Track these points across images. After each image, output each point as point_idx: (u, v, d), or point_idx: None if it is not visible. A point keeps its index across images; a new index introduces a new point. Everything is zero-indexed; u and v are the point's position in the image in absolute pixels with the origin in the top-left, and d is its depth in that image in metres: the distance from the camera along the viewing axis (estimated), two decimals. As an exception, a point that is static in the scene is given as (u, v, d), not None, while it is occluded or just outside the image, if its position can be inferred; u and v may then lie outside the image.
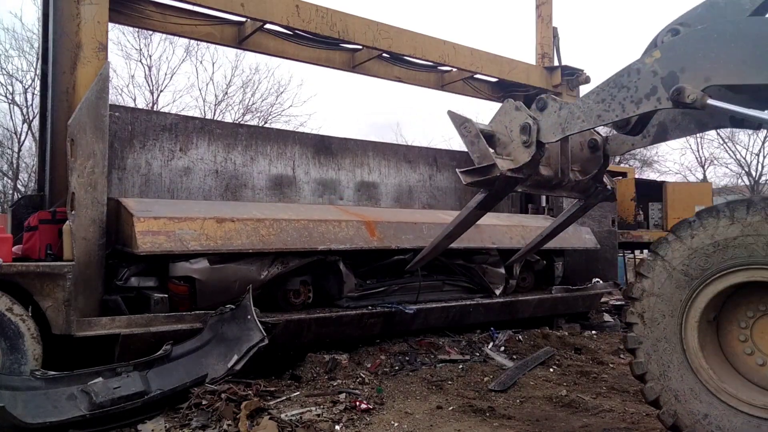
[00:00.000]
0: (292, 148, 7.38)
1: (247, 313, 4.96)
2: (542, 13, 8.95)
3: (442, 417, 4.32)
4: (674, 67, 3.57)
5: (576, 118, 4.04)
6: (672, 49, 3.64)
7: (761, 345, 3.29)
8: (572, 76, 8.86)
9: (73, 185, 4.86)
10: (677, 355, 3.35)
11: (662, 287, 3.45)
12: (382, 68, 7.83)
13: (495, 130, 4.70)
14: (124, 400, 4.13)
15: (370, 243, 6.14)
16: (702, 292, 3.32)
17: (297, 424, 3.96)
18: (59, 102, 5.25)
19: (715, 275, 3.26)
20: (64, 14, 5.21)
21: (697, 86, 3.49)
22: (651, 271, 3.52)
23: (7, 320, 4.31)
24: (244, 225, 5.44)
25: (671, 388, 3.35)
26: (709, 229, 3.29)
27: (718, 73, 3.42)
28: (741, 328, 3.35)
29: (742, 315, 3.36)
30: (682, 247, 3.39)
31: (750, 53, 3.31)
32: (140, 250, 4.82)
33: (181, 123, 6.62)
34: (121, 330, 4.76)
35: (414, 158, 8.53)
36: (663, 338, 3.42)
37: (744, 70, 3.34)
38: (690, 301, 3.36)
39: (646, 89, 3.69)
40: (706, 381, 3.25)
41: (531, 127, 4.35)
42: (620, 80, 3.82)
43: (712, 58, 3.44)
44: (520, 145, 4.51)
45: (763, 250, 3.09)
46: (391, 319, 6.20)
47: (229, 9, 6.11)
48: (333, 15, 6.72)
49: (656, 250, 3.52)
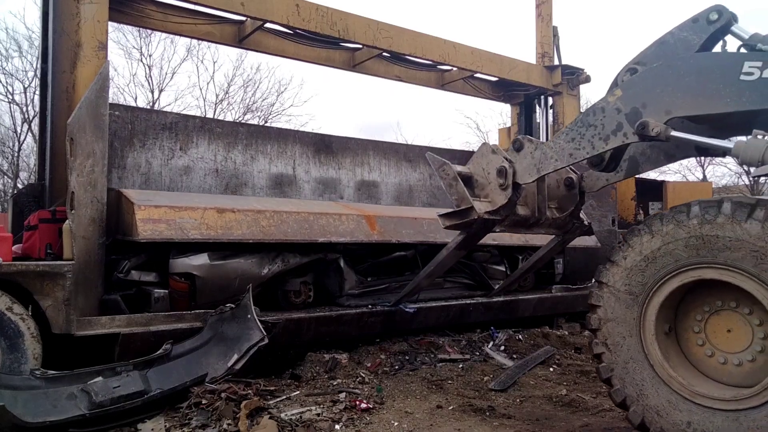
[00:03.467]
0: (293, 147, 7.37)
1: (247, 312, 4.95)
2: (542, 13, 8.95)
3: (442, 416, 4.32)
4: (636, 103, 3.81)
5: (549, 158, 4.23)
6: (632, 87, 3.89)
7: (718, 344, 3.44)
8: (572, 75, 8.86)
9: (72, 184, 4.86)
10: (647, 371, 3.49)
11: (614, 311, 3.66)
12: (382, 67, 7.83)
13: (473, 172, 4.87)
14: (124, 400, 4.13)
15: (371, 237, 6.13)
16: (649, 305, 3.53)
17: (297, 423, 3.96)
18: (59, 101, 5.25)
19: (654, 287, 3.50)
20: (64, 13, 5.20)
21: (660, 119, 3.72)
22: (600, 299, 3.75)
23: (6, 319, 4.31)
24: (245, 216, 5.43)
25: (651, 406, 3.44)
26: (636, 247, 3.57)
27: (677, 106, 3.66)
28: (696, 332, 3.53)
29: (693, 320, 3.54)
30: (620, 270, 3.64)
31: (702, 86, 3.58)
32: (141, 237, 4.80)
33: (181, 122, 6.61)
34: (121, 329, 4.76)
35: (414, 157, 8.52)
36: (630, 359, 3.57)
37: (699, 102, 3.59)
38: (641, 317, 3.55)
39: (613, 126, 3.91)
40: (680, 390, 3.36)
41: (507, 171, 4.51)
42: (587, 119, 4.04)
43: (670, 92, 3.70)
44: (497, 188, 4.67)
45: (684, 252, 3.36)
46: (391, 318, 6.19)
47: (229, 8, 6.11)
48: (333, 14, 6.72)
49: (600, 279, 3.77)
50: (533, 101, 9.06)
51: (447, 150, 9.47)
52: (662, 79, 3.76)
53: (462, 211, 4.72)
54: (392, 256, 6.57)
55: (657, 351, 3.47)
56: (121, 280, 5.16)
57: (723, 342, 3.41)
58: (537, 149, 4.32)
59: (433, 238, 6.52)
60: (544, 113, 9.01)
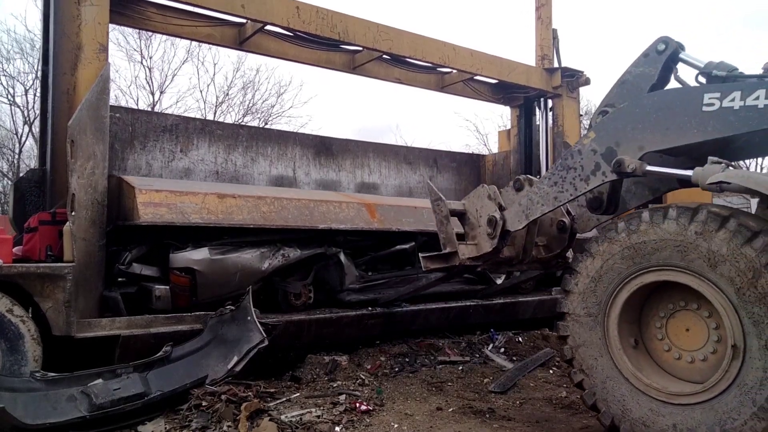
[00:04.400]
0: (293, 149, 7.38)
1: (247, 314, 4.95)
2: (542, 15, 8.95)
3: (441, 418, 4.32)
4: (610, 143, 4.02)
5: (536, 203, 4.37)
6: (604, 128, 4.11)
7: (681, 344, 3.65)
8: (572, 77, 8.85)
9: (73, 186, 4.86)
10: (625, 386, 3.65)
11: (581, 336, 3.89)
12: (382, 70, 7.83)
13: (467, 209, 4.95)
14: (124, 402, 4.13)
15: (371, 224, 6.12)
16: (609, 322, 3.77)
17: (297, 425, 3.96)
18: (60, 103, 5.25)
19: (608, 303, 3.76)
20: (65, 15, 5.21)
21: (634, 156, 3.94)
22: (566, 329, 3.98)
23: (7, 321, 4.31)
24: (246, 201, 5.44)
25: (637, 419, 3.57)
26: (583, 272, 3.88)
27: (648, 141, 3.89)
28: (660, 339, 3.74)
29: (655, 329, 3.77)
30: (575, 296, 3.93)
31: (669, 120, 3.82)
32: (141, 220, 4.80)
33: (181, 124, 6.63)
34: (121, 331, 4.77)
35: (414, 159, 8.53)
36: (606, 378, 3.75)
37: (669, 136, 3.83)
38: (605, 335, 3.77)
39: (591, 166, 4.09)
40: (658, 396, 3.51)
41: (497, 222, 4.61)
42: (566, 163, 4.23)
43: (640, 129, 3.93)
44: (485, 234, 4.75)
45: (622, 263, 3.67)
46: (390, 319, 6.19)
47: (229, 10, 6.11)
48: (333, 16, 6.73)
49: (561, 310, 4.04)
50: (533, 104, 9.05)
51: (447, 152, 9.47)
52: (632, 118, 4.00)
53: (446, 255, 4.84)
54: (392, 250, 6.57)
55: (628, 364, 3.64)
56: (122, 272, 5.16)
57: (685, 342, 3.62)
58: (524, 197, 4.49)
59: (434, 226, 6.51)
60: (543, 116, 8.99)
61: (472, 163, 9.50)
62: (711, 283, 3.30)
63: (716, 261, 3.26)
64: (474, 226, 4.89)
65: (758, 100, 3.55)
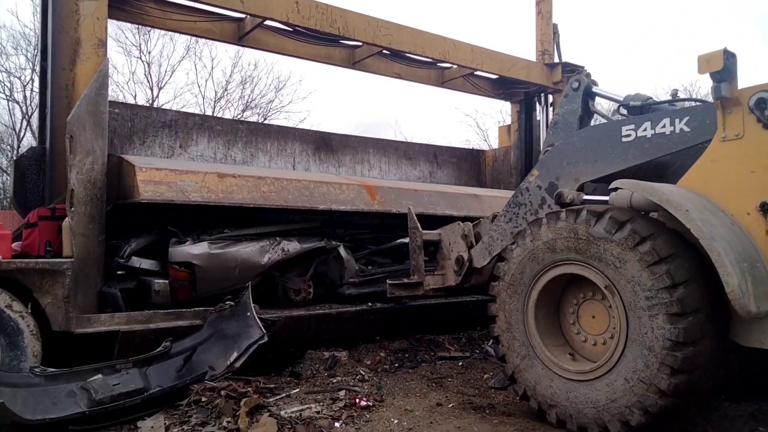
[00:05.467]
0: (293, 145, 7.37)
1: (247, 310, 4.95)
2: (542, 10, 8.92)
3: (441, 414, 4.32)
4: (551, 178, 4.67)
5: (496, 240, 4.97)
6: (545, 166, 4.75)
7: (589, 329, 4.05)
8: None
9: (72, 182, 4.85)
10: (539, 364, 4.06)
11: (507, 319, 4.29)
12: (382, 65, 7.81)
13: (442, 239, 5.53)
14: (124, 397, 4.13)
15: (371, 206, 6.11)
16: (527, 309, 4.16)
17: (297, 421, 3.96)
18: (58, 98, 5.24)
19: (526, 294, 4.18)
20: (64, 10, 5.19)
21: (572, 188, 4.52)
22: (495, 310, 4.39)
23: (6, 317, 4.31)
24: (246, 181, 5.42)
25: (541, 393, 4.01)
26: (511, 261, 4.27)
27: (582, 173, 4.52)
28: (572, 324, 4.14)
29: (569, 316, 4.16)
30: (503, 285, 4.31)
31: (596, 153, 4.45)
32: (141, 197, 4.77)
33: (181, 119, 6.61)
34: (120, 327, 4.76)
35: (414, 155, 8.52)
36: (525, 356, 4.15)
37: (598, 166, 4.43)
38: (524, 321, 4.17)
39: (538, 201, 4.71)
40: (559, 373, 3.94)
41: (464, 262, 5.20)
42: (517, 200, 4.87)
43: (574, 163, 4.56)
44: (452, 270, 5.36)
45: (533, 262, 4.11)
46: (390, 315, 6.19)
47: (228, 5, 6.09)
48: (333, 11, 6.70)
49: (491, 293, 4.45)
50: (533, 99, 9.04)
51: (447, 147, 9.46)
52: (566, 154, 4.63)
53: (412, 284, 5.47)
54: (392, 245, 6.56)
55: (541, 346, 4.07)
56: (121, 265, 5.15)
57: (591, 327, 4.04)
58: (485, 235, 5.06)
59: (433, 209, 6.51)
60: (544, 111, 8.98)
61: (473, 158, 9.49)
62: (597, 270, 3.73)
63: (597, 251, 3.71)
64: (445, 257, 5.47)
65: (665, 128, 4.13)
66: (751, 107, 3.65)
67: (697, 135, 3.99)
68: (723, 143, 3.76)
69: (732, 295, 3.27)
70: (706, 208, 3.60)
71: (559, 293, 4.20)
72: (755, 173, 3.61)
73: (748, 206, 3.60)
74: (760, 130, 3.61)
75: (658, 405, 3.39)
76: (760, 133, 3.61)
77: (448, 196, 6.90)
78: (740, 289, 3.26)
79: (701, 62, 3.71)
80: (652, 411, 3.41)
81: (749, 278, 3.35)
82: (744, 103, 3.69)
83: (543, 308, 4.15)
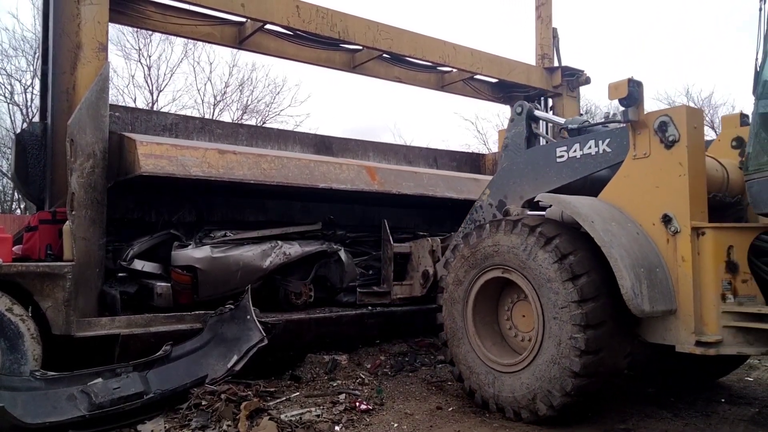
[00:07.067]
0: (293, 148, 7.36)
1: (247, 313, 4.95)
2: (542, 14, 8.95)
3: (441, 418, 4.32)
4: (500, 196, 5.24)
5: None
6: (495, 185, 5.32)
7: (520, 327, 4.48)
8: (572, 76, 8.85)
9: (72, 185, 4.85)
10: (475, 357, 4.49)
11: (452, 322, 4.68)
12: (382, 69, 7.82)
13: (413, 252, 6.10)
14: (124, 401, 4.13)
15: (371, 186, 6.10)
16: (467, 312, 4.58)
17: (297, 424, 3.96)
18: (59, 102, 5.24)
19: (466, 298, 4.59)
20: (65, 14, 5.20)
21: (518, 205, 5.04)
22: (443, 313, 4.79)
23: (7, 320, 4.31)
24: (246, 158, 5.41)
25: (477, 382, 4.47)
26: (454, 264, 4.69)
27: (525, 191, 5.03)
28: (507, 320, 4.56)
29: (505, 314, 4.57)
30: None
31: (536, 172, 4.97)
32: (142, 170, 4.73)
33: (181, 123, 6.61)
34: (121, 330, 4.76)
35: (414, 158, 8.52)
36: (467, 352, 4.59)
37: (538, 184, 4.92)
38: (464, 321, 4.59)
39: (490, 217, 5.18)
40: (491, 365, 4.39)
41: (429, 276, 5.77)
42: (472, 217, 5.40)
43: (518, 182, 5.11)
44: (419, 282, 5.88)
45: (467, 267, 4.54)
46: (390, 319, 6.19)
47: (229, 9, 6.11)
48: (333, 15, 6.72)
49: (439, 303, 4.86)
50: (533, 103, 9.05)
51: (447, 151, 9.46)
52: (512, 174, 5.17)
53: (381, 293, 5.99)
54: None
55: (477, 342, 4.49)
56: (123, 268, 5.15)
57: (522, 325, 4.46)
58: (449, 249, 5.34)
59: (433, 191, 6.51)
60: (543, 114, 8.99)
61: (472, 162, 9.49)
62: (518, 272, 4.18)
63: (515, 254, 4.17)
64: (414, 269, 5.97)
65: (591, 149, 4.62)
66: (655, 129, 4.06)
67: (616, 154, 4.43)
68: (634, 161, 4.21)
69: (626, 296, 3.67)
70: (614, 219, 4.02)
71: (497, 297, 4.62)
72: (659, 188, 4.02)
73: (653, 217, 4.02)
74: (663, 150, 4.03)
75: (573, 384, 3.80)
76: (662, 153, 4.03)
77: (448, 178, 6.92)
78: (633, 291, 3.66)
79: (611, 90, 4.16)
80: (569, 391, 3.81)
81: (645, 282, 3.74)
82: (650, 125, 4.10)
83: (482, 309, 4.59)
